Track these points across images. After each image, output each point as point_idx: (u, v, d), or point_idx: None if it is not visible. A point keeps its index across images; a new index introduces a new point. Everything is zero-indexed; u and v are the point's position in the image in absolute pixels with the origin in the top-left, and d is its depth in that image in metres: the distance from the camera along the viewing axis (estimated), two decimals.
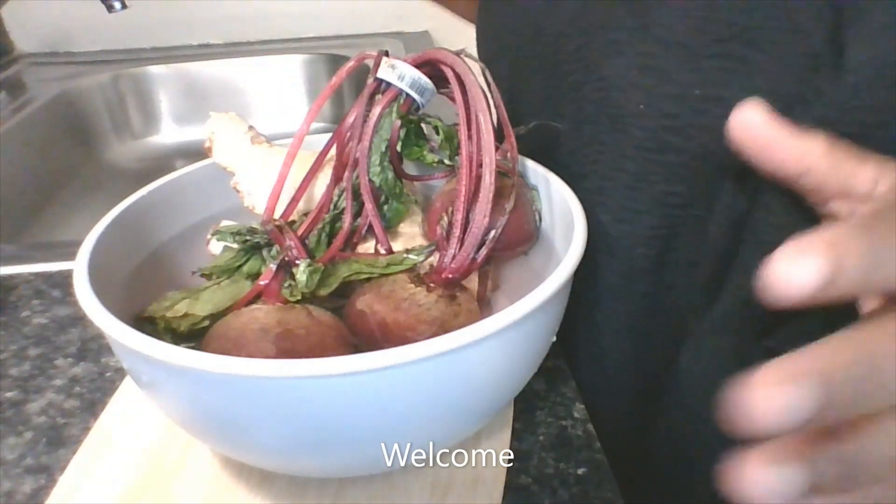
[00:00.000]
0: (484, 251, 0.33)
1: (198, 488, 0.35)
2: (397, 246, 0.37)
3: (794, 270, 0.17)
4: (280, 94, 1.11)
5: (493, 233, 0.33)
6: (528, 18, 0.43)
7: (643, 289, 0.39)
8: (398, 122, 0.36)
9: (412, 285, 0.33)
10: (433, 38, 1.18)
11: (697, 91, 0.33)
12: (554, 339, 0.34)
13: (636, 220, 0.37)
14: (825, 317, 0.24)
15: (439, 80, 0.37)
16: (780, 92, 0.31)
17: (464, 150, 0.34)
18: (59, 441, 0.39)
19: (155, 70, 1.07)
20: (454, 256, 0.33)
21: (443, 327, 0.31)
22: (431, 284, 0.33)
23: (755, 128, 0.27)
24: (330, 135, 0.38)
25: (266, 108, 1.10)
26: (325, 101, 0.36)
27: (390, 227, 0.38)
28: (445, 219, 0.35)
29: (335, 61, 1.09)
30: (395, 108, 0.36)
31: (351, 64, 0.37)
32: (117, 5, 0.84)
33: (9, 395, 0.43)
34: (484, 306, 0.37)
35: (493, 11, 0.49)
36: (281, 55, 1.11)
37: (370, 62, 0.37)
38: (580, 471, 0.36)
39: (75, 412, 0.42)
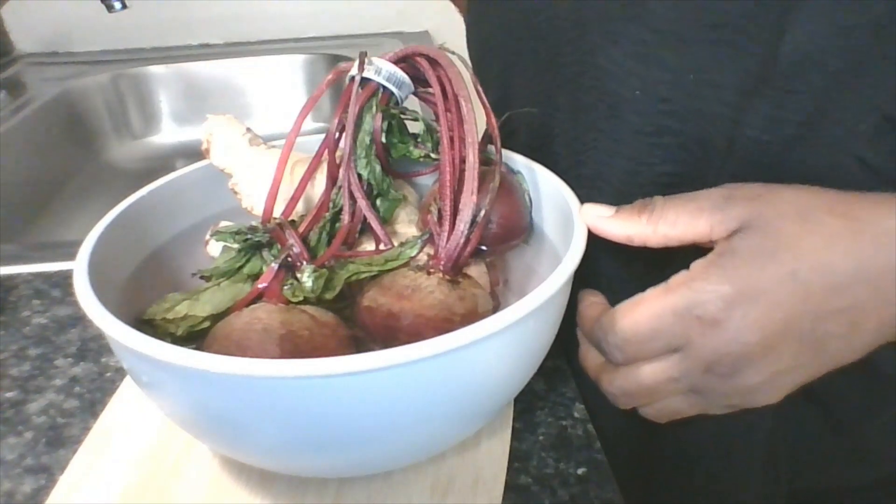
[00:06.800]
0: (476, 230, 0.33)
1: (198, 488, 0.35)
2: None
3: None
4: (280, 94, 1.11)
5: (483, 211, 0.34)
6: (519, 15, 0.44)
7: (642, 269, 0.40)
8: (379, 115, 0.37)
9: (412, 273, 0.33)
10: (433, 38, 1.18)
11: (691, 76, 0.35)
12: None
13: (633, 201, 0.38)
14: None
15: (422, 81, 0.37)
16: (770, 75, 0.32)
17: (443, 125, 0.35)
18: (59, 441, 0.39)
19: (155, 70, 1.07)
20: (448, 238, 0.33)
21: (449, 310, 0.31)
22: (431, 270, 0.33)
23: (592, 224, 0.34)
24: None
25: (266, 108, 1.10)
26: (308, 112, 0.38)
27: (385, 222, 0.38)
28: (435, 206, 0.35)
29: (335, 61, 1.09)
30: (374, 103, 0.37)
31: (330, 77, 0.38)
32: (117, 5, 0.84)
33: (9, 395, 0.43)
34: (493, 299, 0.37)
35: (484, 11, 0.50)
36: (281, 55, 1.11)
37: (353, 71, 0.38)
38: (580, 471, 0.36)
39: (75, 412, 0.42)
